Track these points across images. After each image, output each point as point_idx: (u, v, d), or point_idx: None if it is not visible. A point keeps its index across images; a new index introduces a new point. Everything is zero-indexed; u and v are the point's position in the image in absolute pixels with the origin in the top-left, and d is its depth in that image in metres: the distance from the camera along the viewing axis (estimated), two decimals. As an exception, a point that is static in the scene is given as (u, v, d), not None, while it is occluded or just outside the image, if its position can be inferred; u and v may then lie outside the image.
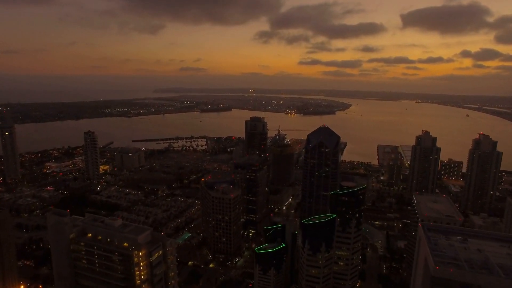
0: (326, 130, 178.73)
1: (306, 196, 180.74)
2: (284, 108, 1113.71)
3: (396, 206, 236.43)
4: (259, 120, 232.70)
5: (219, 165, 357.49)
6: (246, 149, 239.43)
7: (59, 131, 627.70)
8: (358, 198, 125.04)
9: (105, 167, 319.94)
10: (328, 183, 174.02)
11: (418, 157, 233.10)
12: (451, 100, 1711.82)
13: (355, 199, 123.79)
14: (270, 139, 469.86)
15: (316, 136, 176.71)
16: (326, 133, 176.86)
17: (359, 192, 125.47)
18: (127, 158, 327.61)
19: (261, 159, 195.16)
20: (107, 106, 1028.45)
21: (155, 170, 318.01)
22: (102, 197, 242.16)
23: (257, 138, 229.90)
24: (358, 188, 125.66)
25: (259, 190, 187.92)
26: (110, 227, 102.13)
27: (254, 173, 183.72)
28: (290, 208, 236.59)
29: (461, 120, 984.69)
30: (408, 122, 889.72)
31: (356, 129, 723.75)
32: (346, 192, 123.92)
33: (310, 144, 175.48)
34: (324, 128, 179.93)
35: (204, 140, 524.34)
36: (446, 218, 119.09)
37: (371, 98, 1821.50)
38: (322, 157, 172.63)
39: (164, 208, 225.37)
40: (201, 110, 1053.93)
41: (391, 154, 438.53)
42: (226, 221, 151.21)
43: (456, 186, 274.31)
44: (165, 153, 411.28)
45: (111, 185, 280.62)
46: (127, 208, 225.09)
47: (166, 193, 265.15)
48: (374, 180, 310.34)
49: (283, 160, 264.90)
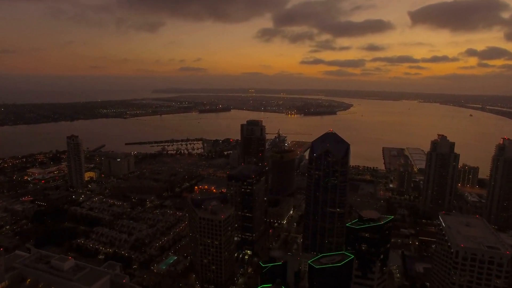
0: (333, 136, 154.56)
1: (310, 212, 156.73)
2: (284, 108, 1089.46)
3: (409, 219, 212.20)
4: (256, 123, 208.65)
5: (215, 170, 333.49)
6: (241, 156, 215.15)
7: (50, 134, 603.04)
8: (384, 234, 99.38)
9: (91, 174, 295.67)
10: (336, 198, 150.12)
11: (434, 165, 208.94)
12: (453, 99, 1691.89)
13: (380, 235, 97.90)
14: (269, 142, 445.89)
15: (321, 143, 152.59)
16: (333, 140, 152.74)
17: (385, 226, 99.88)
18: (115, 164, 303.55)
19: (258, 169, 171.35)
20: (104, 107, 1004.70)
21: (144, 177, 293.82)
22: (83, 210, 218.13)
23: (254, 144, 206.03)
24: (384, 221, 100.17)
25: (256, 206, 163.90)
26: (57, 271, 78.23)
27: (250, 186, 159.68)
28: (292, 222, 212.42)
29: (465, 120, 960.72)
30: (412, 123, 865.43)
31: (358, 130, 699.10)
32: (368, 227, 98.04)
33: (314, 152, 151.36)
34: (330, 134, 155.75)
35: (201, 142, 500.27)
36: (489, 251, 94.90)
37: (371, 97, 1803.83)
38: (328, 168, 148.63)
39: (150, 222, 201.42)
40: (199, 110, 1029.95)
41: (397, 157, 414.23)
42: (216, 246, 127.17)
43: (473, 195, 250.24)
44: (158, 158, 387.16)
45: (96, 195, 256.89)
46: (110, 223, 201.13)
47: (155, 203, 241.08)
48: (382, 187, 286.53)
49: (283, 167, 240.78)
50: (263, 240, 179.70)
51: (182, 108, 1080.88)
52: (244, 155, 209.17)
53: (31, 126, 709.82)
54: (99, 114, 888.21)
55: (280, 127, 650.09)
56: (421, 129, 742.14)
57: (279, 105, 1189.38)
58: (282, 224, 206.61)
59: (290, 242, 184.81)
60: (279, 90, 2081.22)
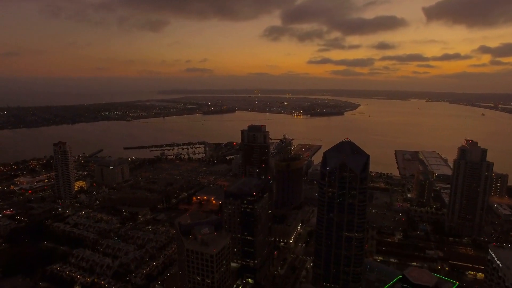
0: (349, 146, 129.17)
1: (323, 236, 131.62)
2: (289, 109, 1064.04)
3: (434, 238, 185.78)
4: (259, 129, 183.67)
5: (216, 178, 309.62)
6: (242, 166, 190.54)
7: (49, 137, 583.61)
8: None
9: (82, 183, 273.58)
10: (354, 220, 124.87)
11: (463, 174, 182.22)
12: (462, 98, 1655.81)
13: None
14: (275, 146, 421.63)
15: (336, 154, 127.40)
16: (350, 150, 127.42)
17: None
18: (108, 172, 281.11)
19: (261, 183, 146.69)
20: (107, 109, 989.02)
21: (139, 186, 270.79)
22: (66, 226, 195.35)
23: (257, 153, 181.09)
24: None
25: (258, 228, 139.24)
26: None
27: (251, 205, 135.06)
28: (300, 240, 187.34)
29: (478, 120, 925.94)
30: (422, 123, 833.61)
31: (368, 131, 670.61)
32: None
33: (327, 166, 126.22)
34: (346, 143, 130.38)
35: (203, 146, 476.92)
36: None
37: (378, 97, 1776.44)
38: (345, 185, 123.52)
39: (140, 242, 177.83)
40: (203, 112, 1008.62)
41: (412, 161, 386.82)
42: (208, 285, 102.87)
43: (504, 207, 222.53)
44: (156, 164, 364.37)
45: (85, 207, 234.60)
46: (94, 242, 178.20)
47: (148, 218, 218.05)
48: (399, 196, 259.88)
49: (290, 176, 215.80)
50: (267, 266, 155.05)
51: (186, 109, 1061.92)
52: (245, 165, 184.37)
53: (31, 130, 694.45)
54: (101, 117, 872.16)
55: (286, 129, 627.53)
56: (434, 130, 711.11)
57: (284, 106, 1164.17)
58: (289, 243, 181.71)
59: (299, 268, 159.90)
60: (285, 90, 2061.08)
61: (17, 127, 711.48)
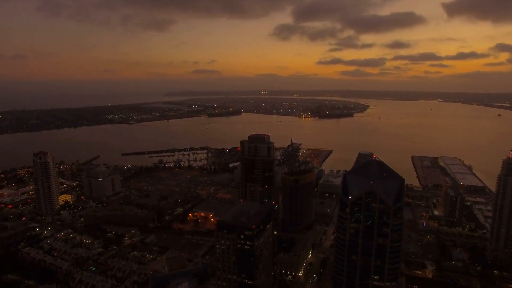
0: (377, 166, 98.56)
1: (342, 284, 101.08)
2: (297, 111, 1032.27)
3: (475, 270, 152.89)
4: (262, 139, 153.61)
5: (216, 189, 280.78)
6: (242, 183, 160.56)
7: (48, 142, 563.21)
8: None
9: (67, 196, 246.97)
10: (385, 266, 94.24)
11: (511, 193, 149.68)
12: (475, 98, 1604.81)
13: None
14: (281, 152, 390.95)
15: (359, 177, 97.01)
16: (378, 172, 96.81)
17: None
18: (97, 184, 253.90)
19: (264, 210, 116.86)
20: (111, 112, 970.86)
21: (129, 201, 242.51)
22: (38, 253, 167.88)
23: (259, 168, 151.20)
24: None
25: (259, 269, 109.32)
26: None
27: (250, 240, 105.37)
28: (311, 272, 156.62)
29: (495, 121, 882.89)
30: (436, 125, 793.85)
31: (380, 134, 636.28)
32: None
33: (349, 193, 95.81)
34: (373, 162, 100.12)
35: (205, 152, 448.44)
36: None
37: (387, 98, 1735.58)
38: (373, 219, 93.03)
39: (120, 275, 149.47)
40: (208, 114, 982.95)
41: (432, 169, 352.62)
42: None
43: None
44: (153, 172, 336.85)
45: (67, 226, 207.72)
46: (67, 275, 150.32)
47: (136, 240, 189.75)
48: (423, 213, 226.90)
49: (299, 192, 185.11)
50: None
51: (192, 112, 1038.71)
52: (245, 182, 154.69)
53: (32, 134, 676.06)
54: (104, 120, 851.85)
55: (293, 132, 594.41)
56: (449, 132, 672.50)
57: (291, 108, 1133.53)
58: (298, 277, 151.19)
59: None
60: (292, 92, 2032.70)
61: (17, 131, 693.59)
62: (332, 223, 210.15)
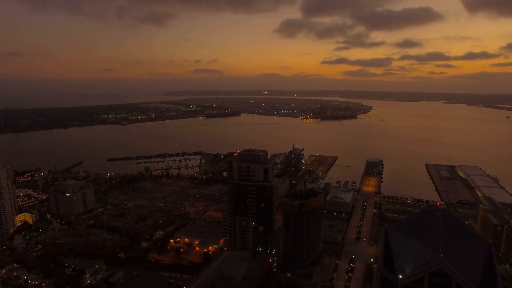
0: (444, 220, 59.04)
1: None
2: (298, 111, 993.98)
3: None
4: (257, 158, 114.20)
5: (207, 206, 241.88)
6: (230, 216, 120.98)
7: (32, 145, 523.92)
8: None
9: (26, 216, 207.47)
10: None
11: None
12: (480, 99, 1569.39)
13: None
14: (282, 159, 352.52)
15: (416, 239, 57.53)
16: (448, 232, 57.37)
17: None
18: (64, 200, 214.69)
19: (257, 272, 77.82)
20: (106, 112, 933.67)
21: (100, 223, 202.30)
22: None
23: (253, 197, 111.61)
24: None
25: None
26: None
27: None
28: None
29: (505, 124, 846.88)
30: (444, 127, 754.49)
31: (386, 138, 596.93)
32: None
33: (399, 267, 56.45)
34: (439, 212, 60.31)
35: (199, 157, 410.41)
36: None
37: (390, 98, 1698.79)
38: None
39: None
40: (206, 115, 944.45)
41: (452, 181, 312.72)
42: None
43: None
44: (136, 182, 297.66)
45: (17, 256, 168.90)
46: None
47: (98, 279, 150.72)
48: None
49: (305, 221, 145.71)
50: None
51: (189, 112, 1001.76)
52: (234, 215, 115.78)
53: (17, 135, 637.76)
54: (96, 120, 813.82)
55: (295, 136, 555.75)
56: (460, 136, 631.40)
57: (293, 108, 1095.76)
58: None
59: None
60: (293, 92, 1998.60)
61: (2, 132, 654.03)
62: (344, 254, 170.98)
